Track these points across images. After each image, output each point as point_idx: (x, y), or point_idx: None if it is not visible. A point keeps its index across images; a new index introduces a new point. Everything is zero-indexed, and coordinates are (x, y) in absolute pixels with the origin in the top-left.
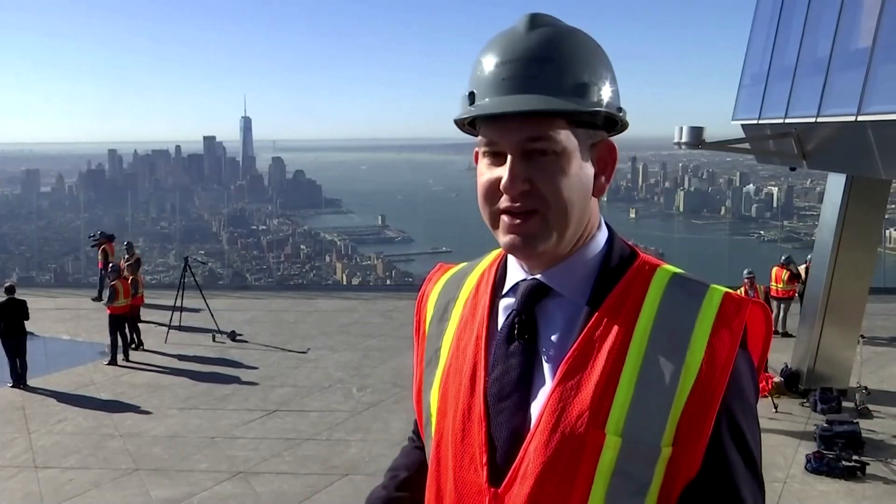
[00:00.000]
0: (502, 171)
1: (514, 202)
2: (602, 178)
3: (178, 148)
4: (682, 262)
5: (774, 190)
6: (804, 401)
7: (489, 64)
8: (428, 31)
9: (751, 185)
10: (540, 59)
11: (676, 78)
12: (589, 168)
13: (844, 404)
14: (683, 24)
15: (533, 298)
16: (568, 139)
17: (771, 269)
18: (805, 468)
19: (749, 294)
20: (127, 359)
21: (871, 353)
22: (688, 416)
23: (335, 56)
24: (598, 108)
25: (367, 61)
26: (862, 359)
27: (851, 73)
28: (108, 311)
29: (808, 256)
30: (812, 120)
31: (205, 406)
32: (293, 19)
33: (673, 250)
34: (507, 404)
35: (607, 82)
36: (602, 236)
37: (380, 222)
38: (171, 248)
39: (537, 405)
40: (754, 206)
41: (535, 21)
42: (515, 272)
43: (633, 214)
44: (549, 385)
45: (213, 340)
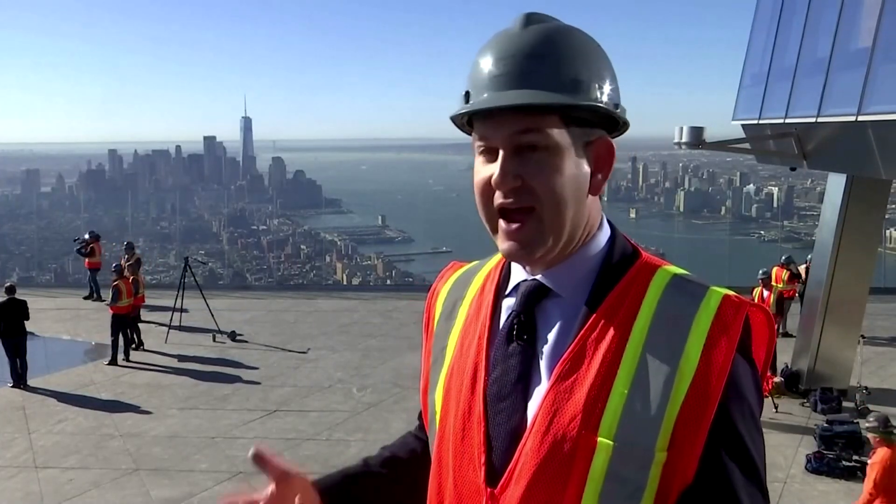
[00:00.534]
0: (495, 168)
1: (506, 198)
2: (598, 176)
3: (178, 148)
4: (682, 262)
5: (775, 190)
6: (804, 401)
7: (484, 62)
8: (428, 31)
9: (751, 185)
10: (533, 55)
11: (676, 78)
12: (584, 166)
13: (844, 404)
14: (683, 24)
15: (532, 299)
16: (561, 135)
17: (771, 269)
18: (805, 468)
19: (764, 295)
20: (127, 359)
21: (872, 353)
22: (683, 421)
23: (335, 56)
24: (592, 104)
25: (367, 61)
26: (862, 359)
27: (852, 74)
28: (111, 311)
29: (809, 256)
30: (812, 120)
31: (205, 406)
32: (293, 19)
33: (673, 250)
34: (505, 405)
35: (604, 80)
36: (603, 236)
37: (380, 222)
38: (172, 248)
39: (533, 406)
40: (754, 206)
41: (530, 19)
42: (518, 272)
43: (633, 214)
44: (544, 386)
45: (214, 340)
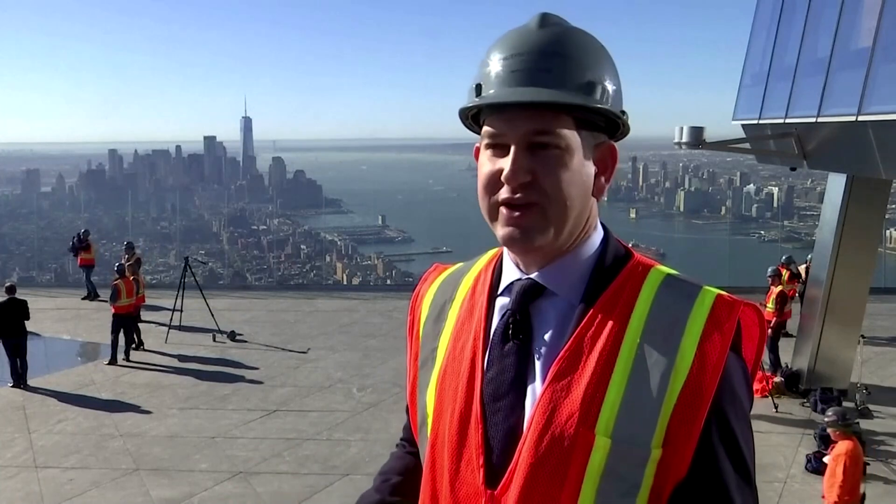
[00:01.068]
0: (504, 163)
1: (514, 193)
2: (602, 178)
3: (178, 148)
4: (682, 262)
5: (775, 190)
6: (804, 401)
7: (498, 57)
8: (428, 31)
9: (751, 185)
10: (550, 53)
11: (677, 78)
12: (590, 167)
13: (845, 404)
14: (684, 24)
15: (527, 298)
16: (572, 136)
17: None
18: (805, 468)
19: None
20: (128, 359)
21: (872, 353)
22: (677, 418)
23: (335, 56)
24: (606, 108)
25: (367, 61)
26: (862, 359)
27: (852, 74)
28: (113, 311)
29: (809, 256)
30: (812, 120)
31: (205, 406)
32: (293, 19)
33: (673, 250)
34: (502, 405)
35: (613, 85)
36: (598, 236)
37: (380, 222)
38: (172, 247)
39: (530, 405)
40: (755, 206)
41: (545, 20)
42: (511, 272)
43: (633, 214)
44: (541, 385)
45: (214, 340)
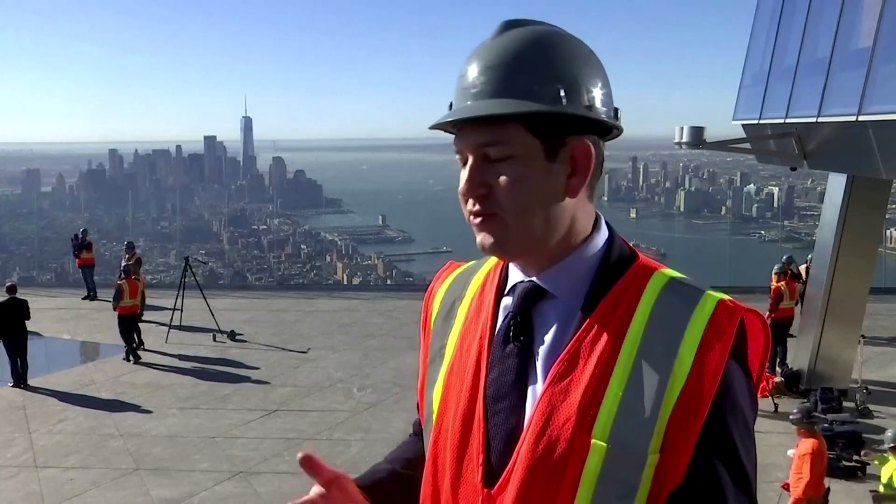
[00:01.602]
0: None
1: (473, 206)
2: (573, 179)
3: (178, 148)
4: (682, 262)
5: (775, 190)
6: (805, 401)
7: (461, 73)
8: (429, 31)
9: (751, 185)
10: (496, 65)
11: (677, 78)
12: (556, 169)
13: (845, 404)
14: (684, 24)
15: (529, 300)
16: (524, 143)
17: (771, 270)
18: None
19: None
20: (137, 360)
21: (872, 353)
22: (674, 424)
23: (335, 56)
24: (549, 108)
25: (367, 61)
26: (862, 359)
27: (852, 73)
28: (118, 312)
29: (809, 256)
30: (813, 120)
31: (205, 406)
32: (293, 19)
33: (673, 250)
34: (503, 405)
35: (580, 82)
36: (601, 237)
37: (380, 222)
38: (172, 247)
39: (530, 408)
40: (755, 205)
41: (504, 26)
42: (516, 273)
43: (633, 214)
44: (540, 388)
45: (214, 340)
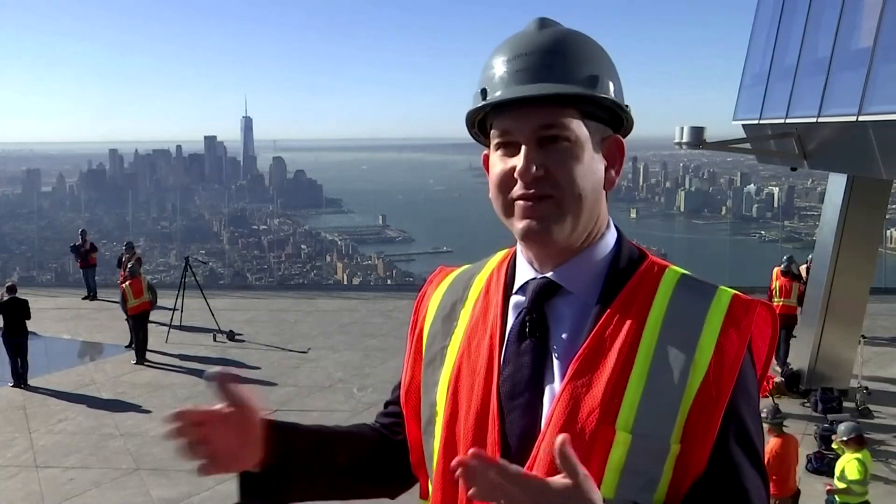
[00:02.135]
0: (516, 161)
1: (528, 188)
2: (612, 171)
3: (178, 148)
4: (682, 262)
5: (775, 190)
6: (805, 401)
7: (501, 60)
8: (429, 31)
9: (752, 185)
10: (552, 52)
11: (677, 78)
12: (600, 161)
13: (845, 404)
14: (684, 24)
15: (543, 296)
16: (580, 129)
17: (772, 270)
18: (805, 468)
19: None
20: (143, 360)
21: (872, 353)
22: (696, 414)
23: (335, 56)
24: (612, 98)
25: (367, 61)
26: (863, 359)
27: (852, 74)
28: (130, 314)
29: (809, 256)
30: (813, 120)
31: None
32: (294, 19)
33: (674, 250)
34: (518, 402)
35: (613, 81)
36: (612, 236)
37: (380, 222)
38: (172, 247)
39: (548, 403)
40: (755, 206)
41: (544, 23)
42: (525, 271)
43: (633, 214)
44: (559, 383)
45: (214, 340)
